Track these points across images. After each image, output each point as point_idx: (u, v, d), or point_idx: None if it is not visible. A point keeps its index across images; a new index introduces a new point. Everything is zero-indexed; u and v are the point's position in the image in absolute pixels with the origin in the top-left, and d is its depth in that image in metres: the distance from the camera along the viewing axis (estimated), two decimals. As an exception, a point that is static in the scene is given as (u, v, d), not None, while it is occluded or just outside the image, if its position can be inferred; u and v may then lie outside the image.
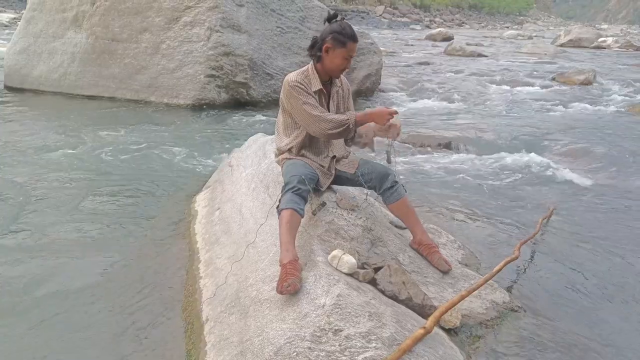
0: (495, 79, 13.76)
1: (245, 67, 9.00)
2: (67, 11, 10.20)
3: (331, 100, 3.12)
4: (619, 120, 8.83)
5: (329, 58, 2.95)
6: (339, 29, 2.91)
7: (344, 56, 2.93)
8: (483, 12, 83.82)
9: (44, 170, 5.47)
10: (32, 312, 2.92)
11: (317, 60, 3.00)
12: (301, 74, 3.02)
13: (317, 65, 3.02)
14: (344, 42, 2.90)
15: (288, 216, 2.65)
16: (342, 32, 2.91)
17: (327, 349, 2.05)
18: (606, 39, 28.78)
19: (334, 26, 2.94)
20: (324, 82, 3.06)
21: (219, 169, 4.66)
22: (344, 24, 2.95)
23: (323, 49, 2.94)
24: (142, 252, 3.66)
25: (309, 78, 3.01)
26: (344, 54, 2.93)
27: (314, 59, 3.02)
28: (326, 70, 3.01)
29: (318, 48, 2.96)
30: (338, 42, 2.90)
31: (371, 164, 3.16)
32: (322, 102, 3.06)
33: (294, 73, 3.04)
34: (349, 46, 2.92)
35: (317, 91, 3.02)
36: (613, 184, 5.53)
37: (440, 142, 6.91)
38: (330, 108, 3.11)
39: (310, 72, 3.02)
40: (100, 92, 9.66)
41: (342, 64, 2.96)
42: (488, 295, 2.97)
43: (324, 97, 3.07)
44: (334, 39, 2.90)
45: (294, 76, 3.00)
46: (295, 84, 2.95)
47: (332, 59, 2.94)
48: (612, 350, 2.72)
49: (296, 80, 2.96)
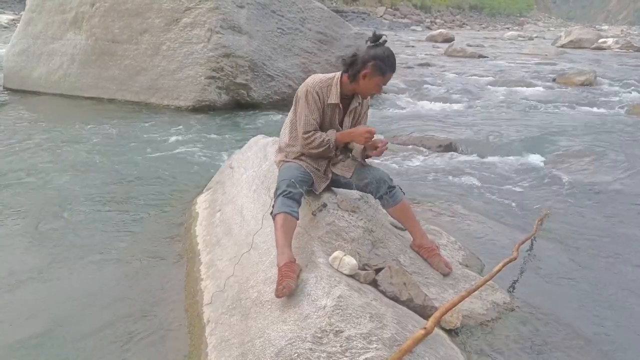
0: (496, 80, 13.76)
1: (245, 69, 9.00)
2: (66, 12, 10.21)
3: (346, 117, 3.10)
4: (620, 122, 8.83)
5: (364, 82, 2.92)
6: (382, 57, 2.86)
7: (379, 84, 2.93)
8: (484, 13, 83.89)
9: (42, 173, 5.47)
10: (29, 314, 2.92)
11: (352, 80, 2.96)
12: (325, 81, 2.99)
13: (345, 79, 2.98)
14: (384, 72, 2.89)
15: (281, 220, 2.66)
16: (385, 61, 2.87)
17: (328, 350, 2.05)
18: (607, 40, 28.79)
19: (378, 52, 2.87)
20: (344, 95, 3.03)
21: (220, 171, 4.66)
22: (388, 51, 2.89)
23: (361, 75, 2.90)
24: (143, 254, 3.66)
25: (330, 88, 2.99)
26: (380, 82, 2.92)
27: (348, 76, 2.96)
28: (356, 90, 3.00)
29: (357, 70, 2.91)
30: (379, 70, 2.87)
31: (368, 168, 3.16)
32: (334, 116, 3.04)
33: (318, 78, 3.01)
34: (387, 76, 2.92)
35: (332, 105, 3.00)
36: (613, 185, 5.52)
37: (441, 144, 6.90)
38: (344, 123, 3.10)
39: (334, 83, 2.99)
40: (100, 93, 9.65)
41: (375, 90, 2.97)
42: (488, 296, 2.97)
43: (338, 112, 3.05)
44: (375, 67, 2.87)
45: (315, 82, 2.98)
46: (312, 92, 2.94)
47: (367, 84, 2.93)
48: (612, 349, 2.72)
49: (314, 88, 2.95)
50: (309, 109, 2.95)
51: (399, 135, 7.29)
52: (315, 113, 2.97)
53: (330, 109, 3.02)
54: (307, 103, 2.95)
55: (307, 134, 2.96)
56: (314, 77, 3.03)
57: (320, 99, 2.97)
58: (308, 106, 2.95)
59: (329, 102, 2.98)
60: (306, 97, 2.95)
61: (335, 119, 3.06)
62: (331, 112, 3.03)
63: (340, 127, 3.09)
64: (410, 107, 10.12)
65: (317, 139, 2.96)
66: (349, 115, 3.11)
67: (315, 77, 3.03)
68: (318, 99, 2.96)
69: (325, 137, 2.97)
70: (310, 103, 2.95)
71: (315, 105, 2.96)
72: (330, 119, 3.05)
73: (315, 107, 2.96)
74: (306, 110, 2.96)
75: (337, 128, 3.08)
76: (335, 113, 3.04)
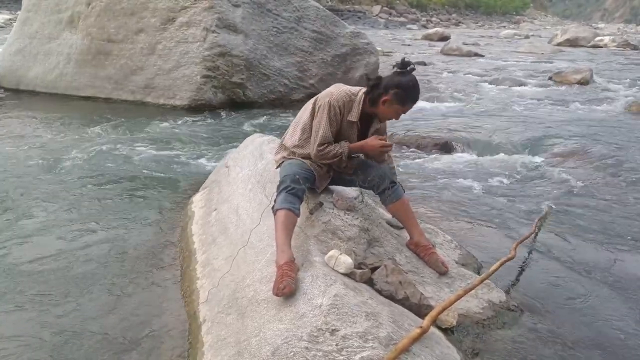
0: (492, 79, 13.76)
1: (241, 68, 9.00)
2: (62, 12, 10.19)
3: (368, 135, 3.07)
4: (616, 120, 8.85)
5: (383, 108, 2.91)
6: (405, 87, 2.84)
7: (398, 112, 2.92)
8: (480, 11, 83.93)
9: (38, 172, 5.46)
10: (28, 312, 2.91)
11: (371, 104, 2.94)
12: (349, 95, 2.96)
13: (368, 99, 2.95)
14: (404, 102, 2.87)
15: (283, 216, 2.65)
16: (408, 92, 2.85)
17: (324, 348, 2.05)
18: (603, 38, 28.79)
19: (402, 81, 2.85)
20: (365, 113, 3.00)
21: (216, 170, 4.66)
22: (413, 81, 2.86)
23: (381, 101, 2.89)
24: (139, 253, 3.66)
25: (353, 104, 2.96)
26: (400, 111, 2.91)
27: (369, 99, 2.94)
28: (375, 113, 2.98)
29: (378, 95, 2.89)
30: (399, 99, 2.86)
31: (370, 164, 3.15)
32: (351, 132, 3.02)
33: (343, 91, 2.97)
34: (407, 107, 2.90)
35: (351, 122, 2.98)
36: (610, 183, 5.54)
37: (437, 143, 6.91)
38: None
39: (357, 101, 2.96)
40: (96, 93, 9.63)
41: (393, 117, 2.96)
42: (485, 294, 2.98)
43: (357, 129, 3.03)
44: (397, 96, 2.85)
45: (340, 96, 2.94)
46: (335, 105, 2.91)
47: (385, 111, 2.92)
48: (610, 348, 2.73)
49: (338, 103, 2.92)
50: (329, 122, 2.92)
51: (394, 134, 7.29)
52: (334, 126, 2.95)
53: (349, 125, 2.99)
54: (328, 116, 2.92)
55: (322, 146, 2.94)
56: (339, 88, 3.00)
57: (341, 114, 2.94)
58: (329, 119, 2.92)
59: (348, 119, 2.96)
60: (328, 109, 2.92)
61: (352, 136, 3.03)
62: (349, 128, 3.00)
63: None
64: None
65: (331, 152, 2.94)
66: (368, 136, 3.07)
67: (339, 89, 2.99)
68: (339, 113, 2.93)
69: (338, 149, 2.95)
70: (331, 117, 2.92)
71: (335, 120, 2.93)
72: (347, 134, 3.01)
73: (335, 121, 2.94)
74: (325, 122, 2.92)
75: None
76: (352, 130, 3.02)
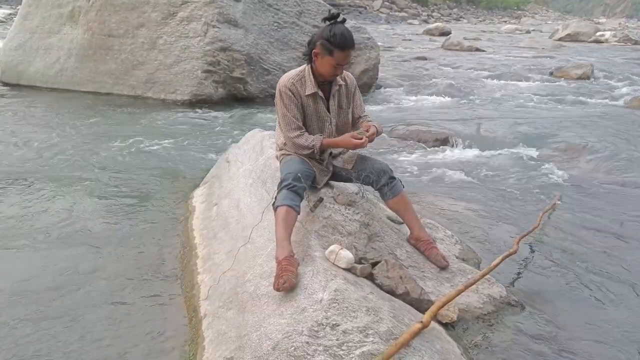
0: (493, 74, 13.74)
1: (242, 63, 8.98)
2: (62, 7, 10.17)
3: (331, 99, 3.02)
4: (617, 115, 8.83)
5: (318, 63, 2.86)
6: (328, 36, 2.76)
7: (332, 64, 2.82)
8: (481, 6, 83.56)
9: (39, 167, 5.47)
10: (29, 309, 2.92)
11: (308, 62, 2.92)
12: (296, 75, 2.94)
13: (314, 66, 2.92)
14: (331, 51, 2.77)
15: (283, 213, 2.65)
16: (331, 39, 2.75)
17: (324, 343, 2.06)
18: (604, 33, 28.69)
19: (325, 31, 2.78)
20: (321, 82, 2.96)
21: (217, 165, 4.66)
22: (337, 29, 2.76)
23: (312, 54, 2.86)
24: (140, 248, 3.66)
25: (304, 80, 2.94)
26: (332, 62, 2.81)
27: (307, 59, 2.93)
28: (319, 73, 2.92)
29: (311, 52, 2.87)
30: (326, 49, 2.79)
31: (369, 160, 3.15)
32: (317, 104, 2.99)
33: (289, 75, 2.96)
34: (336, 55, 2.78)
35: (311, 95, 2.94)
36: (611, 179, 5.54)
37: (438, 137, 6.90)
38: (330, 108, 3.04)
39: (306, 74, 2.94)
40: (97, 88, 9.63)
41: (331, 71, 2.86)
42: (485, 289, 2.98)
43: (320, 100, 2.99)
44: (322, 46, 2.79)
45: (287, 80, 2.93)
46: (285, 91, 2.90)
47: (322, 65, 2.86)
48: (610, 344, 2.73)
49: (286, 86, 2.90)
50: (287, 108, 2.92)
51: (395, 129, 7.29)
52: (294, 110, 2.92)
53: (311, 100, 2.96)
54: (283, 103, 2.92)
55: (293, 134, 2.93)
56: (285, 75, 2.98)
57: (296, 95, 2.92)
58: (285, 106, 2.92)
59: (306, 94, 2.93)
60: (281, 97, 2.92)
61: (321, 108, 3.00)
62: (313, 103, 2.97)
63: (328, 112, 3.03)
64: (407, 101, 10.11)
65: (302, 143, 2.93)
66: (332, 98, 3.03)
67: (285, 75, 2.98)
68: (292, 95, 2.90)
69: (311, 141, 2.93)
70: (286, 102, 2.91)
71: (291, 102, 2.91)
72: (315, 110, 2.99)
73: (292, 104, 2.92)
74: (284, 110, 2.92)
75: (327, 116, 3.03)
76: (318, 103, 2.98)
